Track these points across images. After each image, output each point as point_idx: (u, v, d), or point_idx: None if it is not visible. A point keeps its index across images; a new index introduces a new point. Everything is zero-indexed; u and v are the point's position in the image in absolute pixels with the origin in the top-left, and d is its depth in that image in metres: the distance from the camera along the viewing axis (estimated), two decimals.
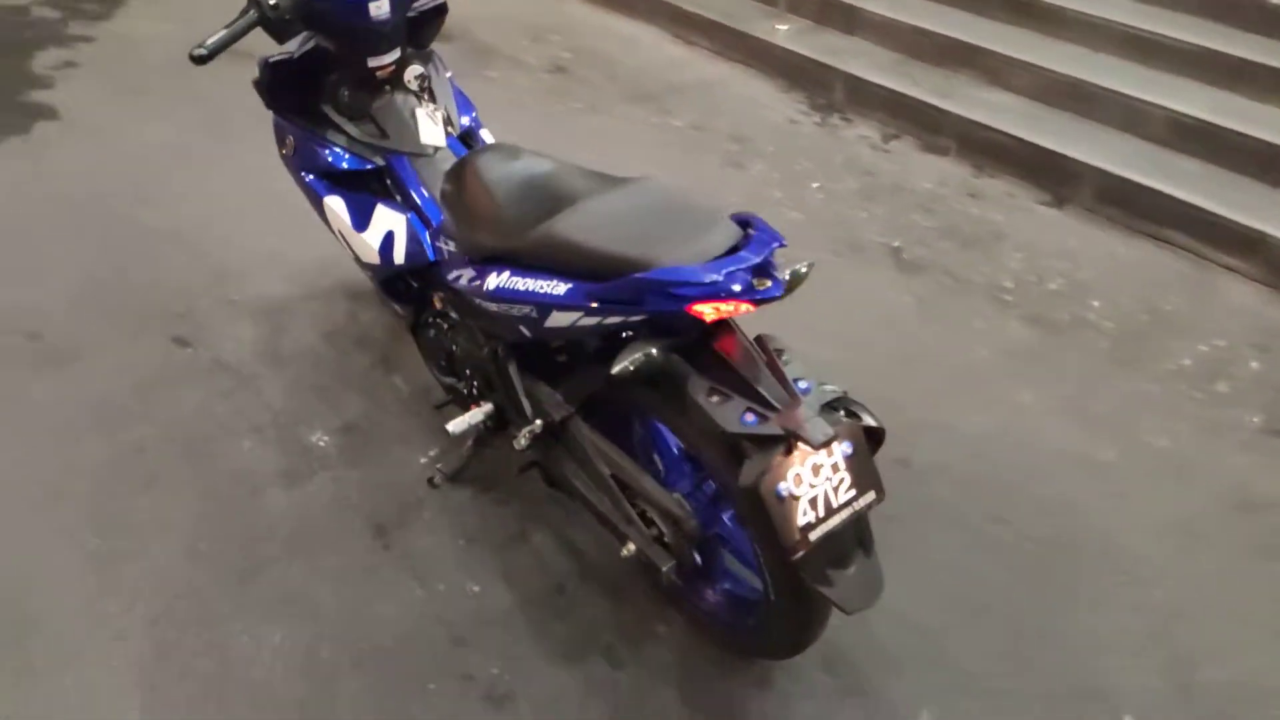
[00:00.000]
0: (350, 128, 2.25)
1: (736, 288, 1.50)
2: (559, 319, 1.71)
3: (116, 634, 1.99)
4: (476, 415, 2.16)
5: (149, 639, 1.98)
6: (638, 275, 1.55)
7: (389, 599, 2.10)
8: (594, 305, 1.62)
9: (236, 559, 2.17)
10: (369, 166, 2.25)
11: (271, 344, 2.83)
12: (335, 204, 2.28)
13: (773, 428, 1.50)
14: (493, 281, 1.83)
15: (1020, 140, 4.04)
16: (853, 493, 1.55)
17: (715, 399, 1.56)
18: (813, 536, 1.51)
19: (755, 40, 5.03)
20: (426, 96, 2.30)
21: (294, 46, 2.20)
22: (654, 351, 1.59)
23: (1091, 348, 3.06)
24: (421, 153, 2.25)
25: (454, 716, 1.89)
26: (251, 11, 1.96)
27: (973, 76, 4.54)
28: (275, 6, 1.97)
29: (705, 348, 1.62)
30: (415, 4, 2.25)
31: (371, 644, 2.01)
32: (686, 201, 1.74)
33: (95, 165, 3.70)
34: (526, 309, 1.76)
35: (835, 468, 1.53)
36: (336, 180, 2.30)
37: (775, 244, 1.58)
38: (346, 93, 2.23)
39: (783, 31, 5.07)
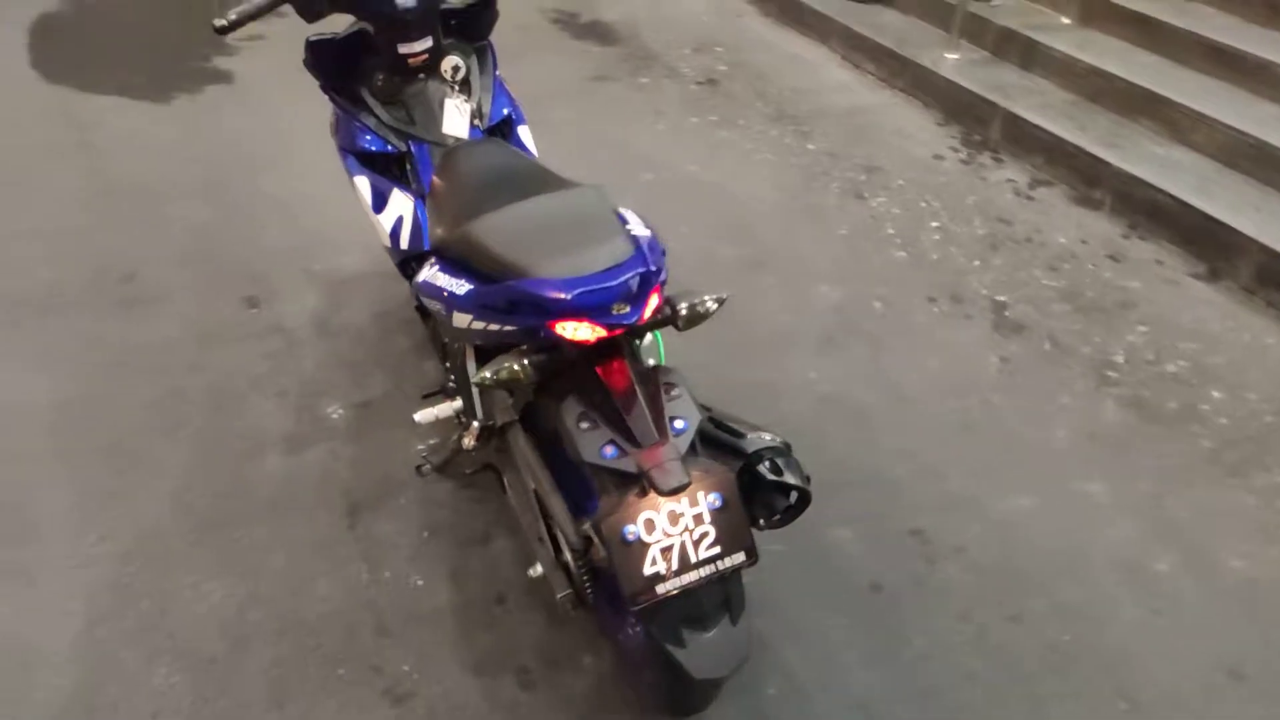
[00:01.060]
0: (381, 111, 2.29)
1: (580, 307, 1.39)
2: (459, 320, 1.66)
3: (82, 561, 2.12)
4: (444, 409, 2.15)
5: (109, 572, 2.10)
6: (510, 283, 1.47)
7: (334, 577, 2.13)
8: (479, 309, 1.56)
9: (211, 512, 2.26)
10: (391, 150, 2.28)
11: (326, 316, 2.94)
12: (361, 183, 2.33)
13: (629, 464, 1.39)
14: (423, 274, 1.80)
15: (1184, 204, 3.59)
16: (716, 550, 1.41)
17: (584, 425, 1.47)
18: (660, 589, 1.38)
19: (921, 69, 4.76)
20: (458, 88, 2.31)
21: (341, 28, 2.27)
22: (516, 365, 1.51)
23: (1192, 444, 2.67)
24: (441, 142, 2.25)
25: (350, 704, 1.88)
26: None
27: (1149, 128, 4.09)
28: None
29: (589, 370, 1.52)
30: None
31: (299, 618, 2.03)
32: (606, 213, 1.64)
33: (242, 133, 3.99)
34: (438, 306, 1.73)
35: (699, 519, 1.40)
36: (365, 161, 2.34)
37: (638, 270, 1.45)
38: (381, 77, 2.27)
39: (952, 61, 4.77)
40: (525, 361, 1.51)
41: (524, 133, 2.43)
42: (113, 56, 4.60)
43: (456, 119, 2.28)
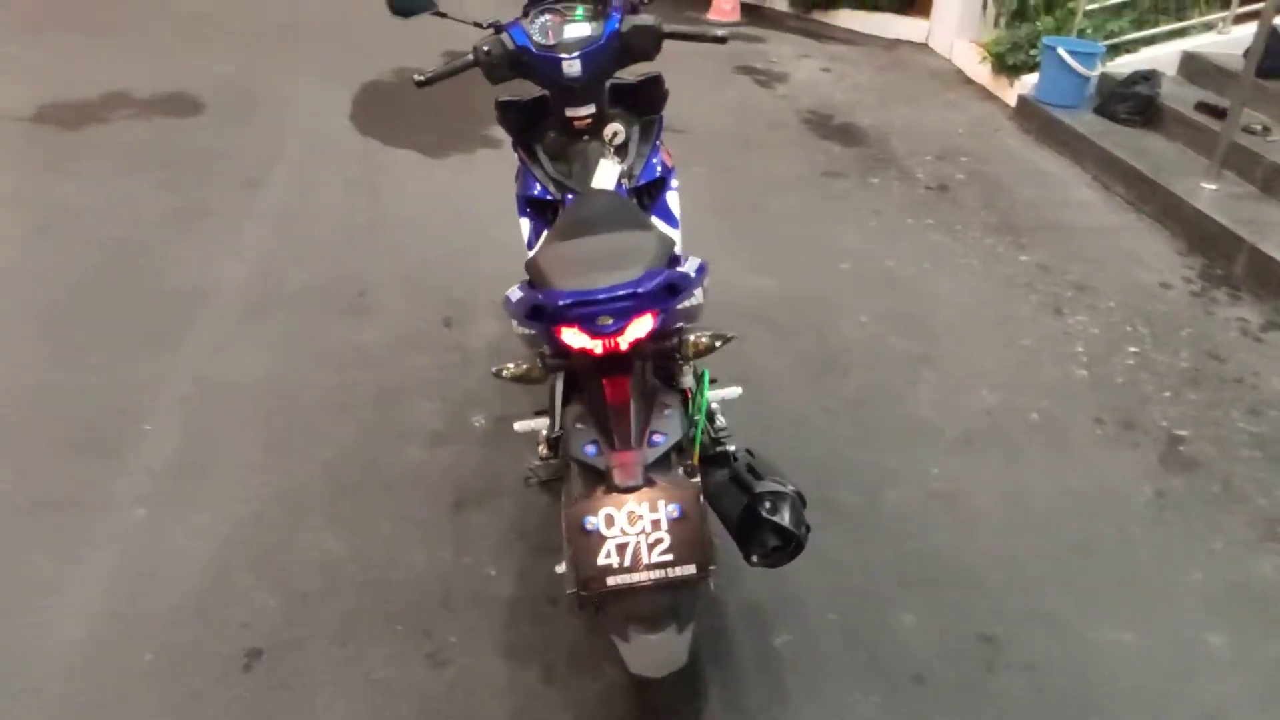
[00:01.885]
0: (548, 164, 2.62)
1: (571, 314, 1.56)
2: (513, 324, 1.89)
3: (240, 498, 2.56)
4: (540, 422, 2.39)
5: (255, 509, 2.52)
6: (532, 291, 1.69)
7: (424, 553, 2.41)
8: (517, 314, 1.78)
9: (350, 480, 2.64)
10: (550, 198, 2.60)
11: (501, 341, 3.32)
12: (523, 224, 2.67)
13: (600, 462, 1.55)
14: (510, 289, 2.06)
15: None
16: (668, 557, 1.52)
17: (579, 425, 1.64)
18: (610, 581, 1.52)
19: (1173, 196, 4.51)
20: (614, 151, 2.60)
21: (526, 92, 2.64)
22: (529, 363, 1.70)
23: None
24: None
25: (395, 657, 2.13)
26: (470, 55, 2.43)
27: None
28: (489, 53, 2.42)
29: (597, 380, 1.70)
30: (617, 71, 2.56)
31: (384, 578, 2.33)
32: (645, 252, 1.81)
33: (492, 189, 4.56)
34: (508, 314, 1.97)
35: (656, 525, 1.52)
36: (531, 205, 2.68)
37: (631, 290, 1.59)
38: (552, 135, 2.62)
39: (1209, 192, 4.48)
40: (539, 361, 1.72)
41: (671, 198, 2.66)
42: (415, 119, 5.42)
43: (606, 176, 2.57)
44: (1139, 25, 6.01)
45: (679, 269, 1.78)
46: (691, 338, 1.69)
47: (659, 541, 1.52)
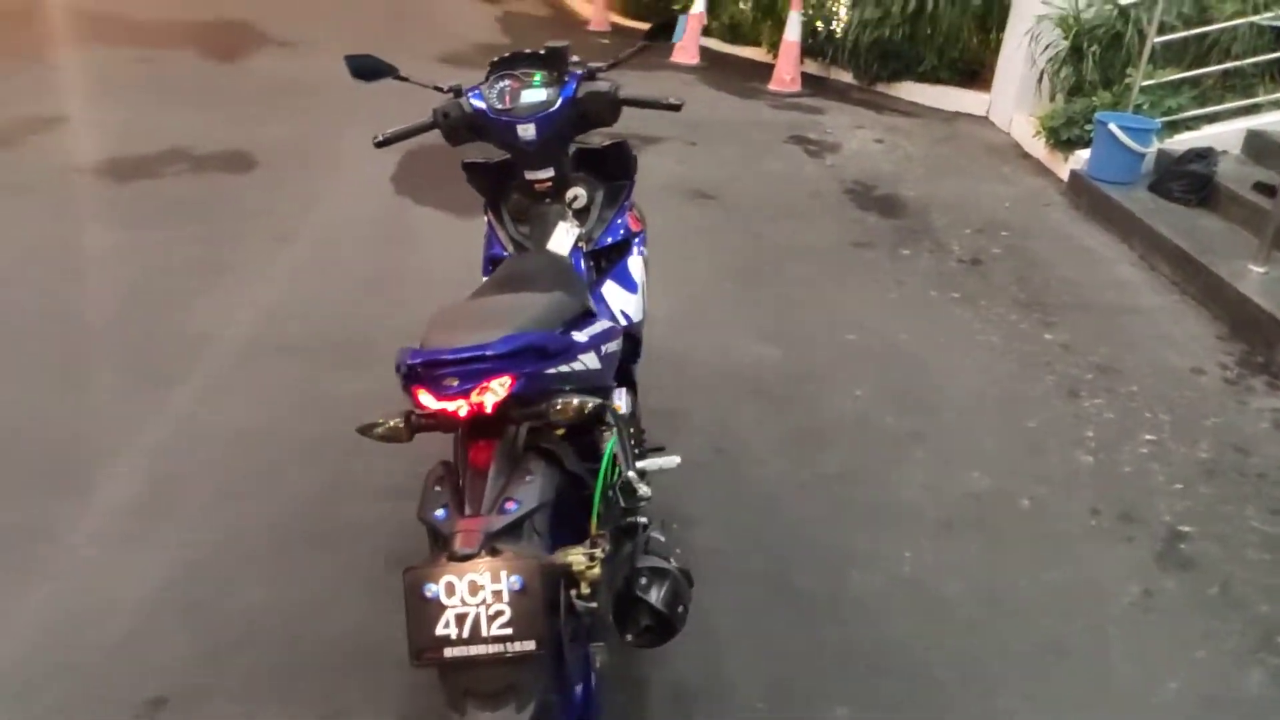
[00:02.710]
0: (510, 225, 2.63)
1: (418, 374, 1.52)
2: None
3: (187, 543, 2.58)
4: None
5: (174, 572, 2.54)
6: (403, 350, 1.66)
7: (351, 610, 2.39)
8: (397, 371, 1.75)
9: (284, 534, 2.64)
10: (506, 257, 2.60)
11: None
12: None
13: (445, 527, 1.50)
14: None
15: None
16: (508, 631, 1.46)
17: (437, 488, 1.60)
18: (447, 653, 1.46)
19: (1216, 278, 4.29)
20: (573, 214, 2.59)
21: (494, 154, 2.67)
22: (395, 423, 1.66)
23: None
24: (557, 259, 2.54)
25: (289, 716, 2.09)
26: (430, 118, 2.47)
27: None
28: (447, 116, 2.45)
29: (464, 442, 1.66)
30: (577, 136, 2.56)
31: (301, 631, 2.31)
32: (532, 313, 1.77)
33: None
34: None
35: (497, 596, 1.46)
36: (494, 265, 2.68)
37: (482, 353, 1.55)
38: (516, 197, 2.63)
39: (1257, 275, 4.24)
40: (403, 422, 1.67)
41: (633, 262, 2.63)
42: (449, 180, 5.53)
43: (562, 239, 2.56)
44: (1201, 102, 5.79)
45: (566, 334, 1.74)
46: (559, 402, 1.64)
47: (499, 614, 1.46)
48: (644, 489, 2.17)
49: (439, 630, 1.46)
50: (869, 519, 2.83)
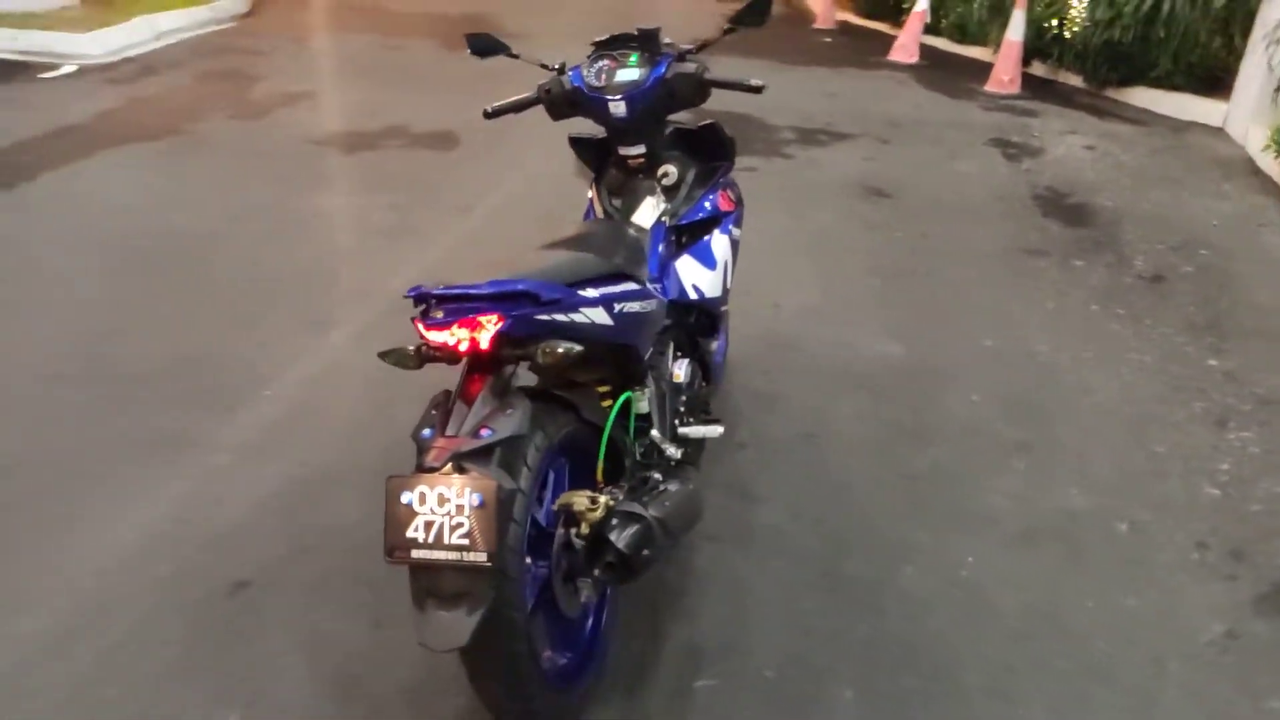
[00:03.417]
0: (605, 197, 2.79)
1: (418, 304, 1.70)
2: None
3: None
4: None
5: (284, 486, 2.89)
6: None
7: None
8: None
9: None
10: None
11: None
12: None
13: (424, 444, 1.68)
14: None
15: None
16: (465, 541, 1.62)
17: (433, 411, 1.78)
18: (414, 554, 1.63)
19: None
20: (662, 190, 2.71)
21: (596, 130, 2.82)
22: (404, 352, 1.82)
23: None
24: (631, 226, 2.68)
25: (341, 614, 2.37)
26: (535, 93, 2.67)
27: None
28: (549, 92, 2.64)
29: (465, 374, 1.82)
30: (668, 115, 2.67)
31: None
32: (554, 258, 1.92)
33: None
34: None
35: (460, 510, 1.62)
36: None
37: (475, 291, 1.69)
38: (612, 170, 2.79)
39: None
40: (412, 350, 1.84)
41: (718, 240, 2.72)
42: None
43: (647, 213, 2.69)
44: None
45: (573, 288, 1.86)
46: (546, 346, 1.77)
47: (459, 525, 1.62)
48: (671, 449, 2.28)
49: (409, 533, 1.64)
50: (942, 520, 2.77)
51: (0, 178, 5.06)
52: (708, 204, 2.75)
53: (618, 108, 2.57)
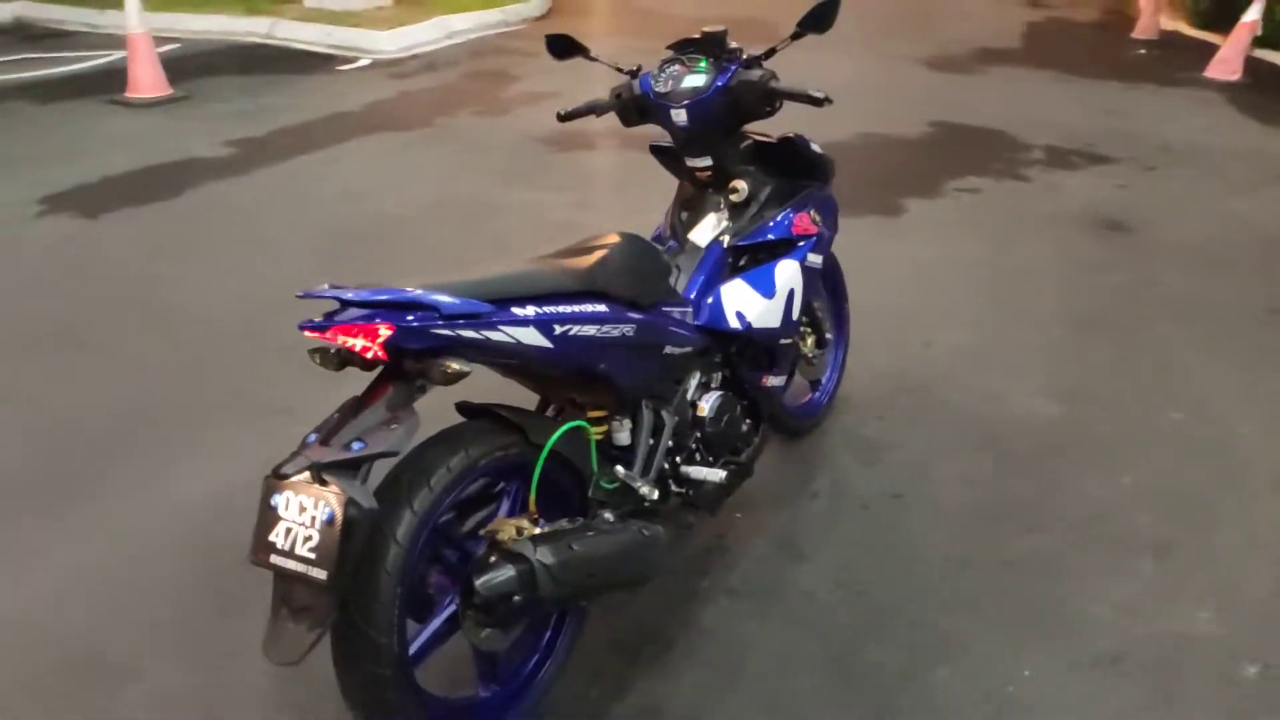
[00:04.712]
0: (676, 210, 2.62)
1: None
2: None
3: None
4: None
5: None
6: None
7: None
8: None
9: None
10: (660, 239, 2.59)
11: None
12: None
13: (297, 448, 1.64)
14: None
15: None
16: (311, 556, 1.57)
17: (335, 415, 1.72)
18: (271, 558, 1.61)
19: None
20: (729, 207, 2.50)
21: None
22: (323, 348, 1.76)
23: None
24: (688, 244, 2.50)
25: None
26: (608, 99, 2.56)
27: None
28: (619, 98, 2.52)
29: (373, 382, 1.75)
30: (740, 127, 2.45)
31: None
32: (505, 272, 1.82)
33: (901, 261, 4.45)
34: None
35: (312, 521, 1.57)
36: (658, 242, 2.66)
37: (355, 298, 1.60)
38: (685, 183, 2.61)
39: None
40: (334, 351, 1.77)
41: (781, 268, 2.46)
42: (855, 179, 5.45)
43: (705, 230, 2.50)
44: None
45: (497, 305, 1.73)
46: (440, 363, 1.67)
47: (310, 538, 1.57)
48: (645, 489, 2.10)
49: (271, 536, 1.61)
50: (1012, 619, 2.34)
51: (259, 157, 5.70)
52: (778, 226, 2.51)
53: (679, 116, 2.41)
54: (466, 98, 7.10)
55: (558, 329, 1.83)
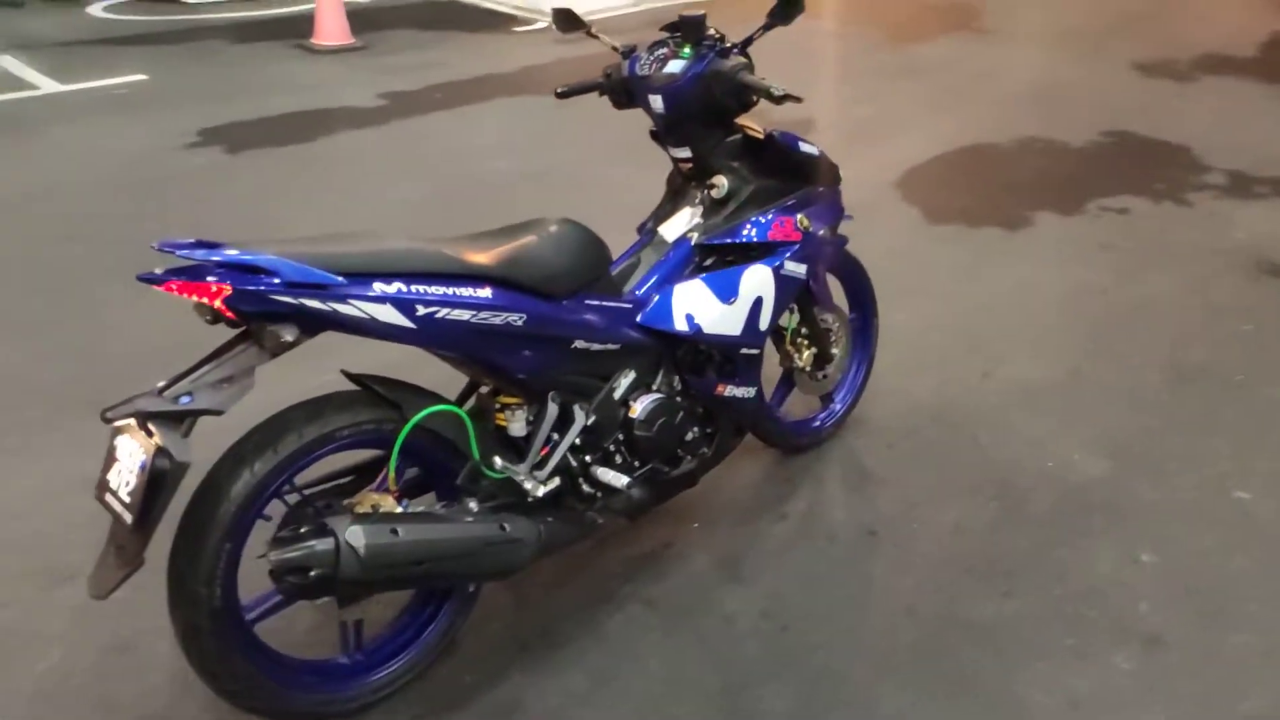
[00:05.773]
0: (665, 200, 2.51)
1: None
2: None
3: None
4: None
5: None
6: None
7: None
8: None
9: None
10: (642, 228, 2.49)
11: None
12: None
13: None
14: None
15: None
16: (127, 499, 1.63)
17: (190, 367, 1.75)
18: (105, 497, 1.68)
19: None
20: (703, 203, 2.37)
21: None
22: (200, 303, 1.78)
23: None
24: (655, 236, 2.40)
25: None
26: (599, 78, 2.48)
27: None
28: (609, 77, 2.44)
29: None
30: (721, 120, 2.31)
31: None
32: (358, 243, 1.81)
33: (1021, 278, 4.12)
34: None
35: (133, 467, 1.63)
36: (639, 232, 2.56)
37: (199, 259, 1.61)
38: (673, 171, 2.50)
39: None
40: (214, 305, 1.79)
41: (750, 273, 2.33)
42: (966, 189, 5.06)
43: (676, 225, 2.40)
44: None
45: (327, 274, 1.70)
46: (271, 329, 1.67)
47: (128, 481, 1.64)
48: (529, 484, 2.04)
49: (108, 475, 1.68)
50: (936, 689, 2.12)
51: (401, 110, 5.96)
52: (752, 228, 2.37)
53: (655, 102, 2.32)
54: None
55: (421, 310, 1.80)
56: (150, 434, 1.63)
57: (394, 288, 1.77)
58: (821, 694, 2.10)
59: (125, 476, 1.65)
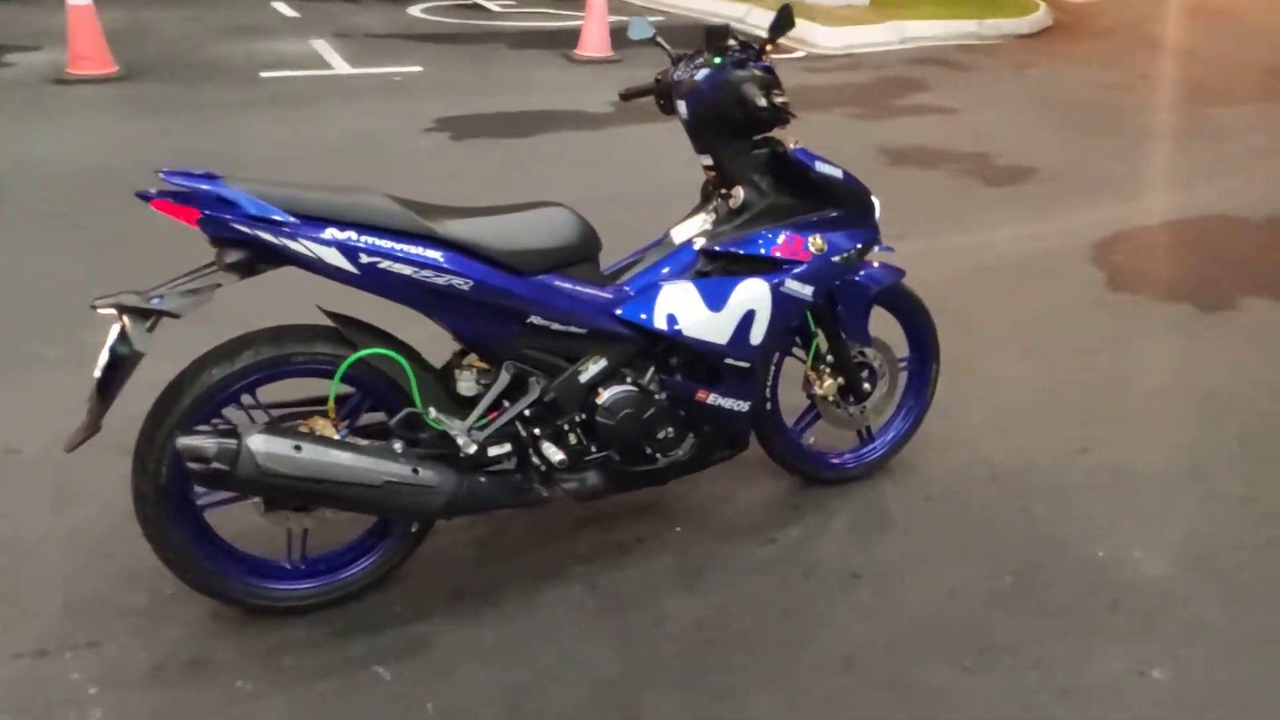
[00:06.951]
0: (700, 200, 2.54)
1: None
2: None
3: None
4: None
5: None
6: None
7: None
8: None
9: None
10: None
11: None
12: None
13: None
14: None
15: None
16: (96, 374, 1.92)
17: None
18: (95, 373, 2.00)
19: None
20: (719, 210, 2.38)
21: None
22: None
23: None
24: (666, 237, 2.44)
25: None
26: (652, 82, 2.55)
27: None
28: (658, 83, 2.51)
29: None
30: (742, 131, 2.32)
31: None
32: (368, 204, 2.01)
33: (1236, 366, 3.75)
34: None
35: (105, 347, 1.93)
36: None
37: (195, 187, 1.86)
38: (706, 180, 2.52)
39: None
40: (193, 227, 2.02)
41: (745, 286, 2.31)
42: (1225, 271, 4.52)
43: (686, 228, 2.44)
44: None
45: (286, 214, 1.90)
46: (225, 252, 1.91)
47: (101, 360, 1.93)
48: (463, 440, 2.14)
49: (100, 354, 2.01)
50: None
51: (618, 120, 6.24)
52: (759, 242, 2.36)
53: (681, 108, 2.38)
54: (853, 99, 7.02)
55: (365, 259, 1.97)
56: (122, 324, 1.94)
57: (345, 235, 1.96)
58: (711, 714, 2.05)
59: (102, 354, 1.96)
